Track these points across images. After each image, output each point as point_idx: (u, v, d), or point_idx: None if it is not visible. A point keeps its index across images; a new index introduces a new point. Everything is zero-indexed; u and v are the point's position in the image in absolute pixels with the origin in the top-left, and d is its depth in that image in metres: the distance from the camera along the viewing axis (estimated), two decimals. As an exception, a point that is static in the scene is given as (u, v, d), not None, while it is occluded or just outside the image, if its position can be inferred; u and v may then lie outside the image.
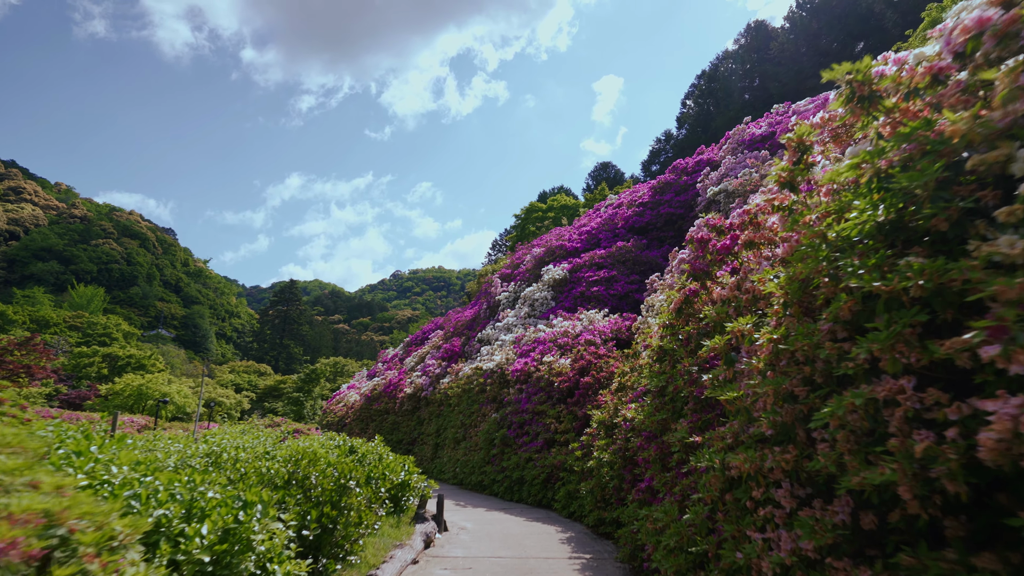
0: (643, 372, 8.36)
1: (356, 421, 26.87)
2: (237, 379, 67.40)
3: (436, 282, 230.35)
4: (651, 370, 6.94)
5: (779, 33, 54.26)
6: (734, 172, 18.76)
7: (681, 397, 5.51)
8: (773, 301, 3.24)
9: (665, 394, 5.91)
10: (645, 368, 7.53)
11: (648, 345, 7.37)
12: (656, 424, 5.83)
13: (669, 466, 5.47)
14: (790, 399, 2.72)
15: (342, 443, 10.58)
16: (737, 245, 4.87)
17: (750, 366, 3.19)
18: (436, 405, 20.13)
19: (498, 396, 15.01)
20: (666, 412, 5.70)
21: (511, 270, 26.28)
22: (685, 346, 5.55)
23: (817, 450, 2.51)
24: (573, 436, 10.95)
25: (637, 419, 6.90)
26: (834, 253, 2.57)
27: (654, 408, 6.00)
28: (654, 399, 6.20)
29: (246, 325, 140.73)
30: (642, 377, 8.34)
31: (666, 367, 6.01)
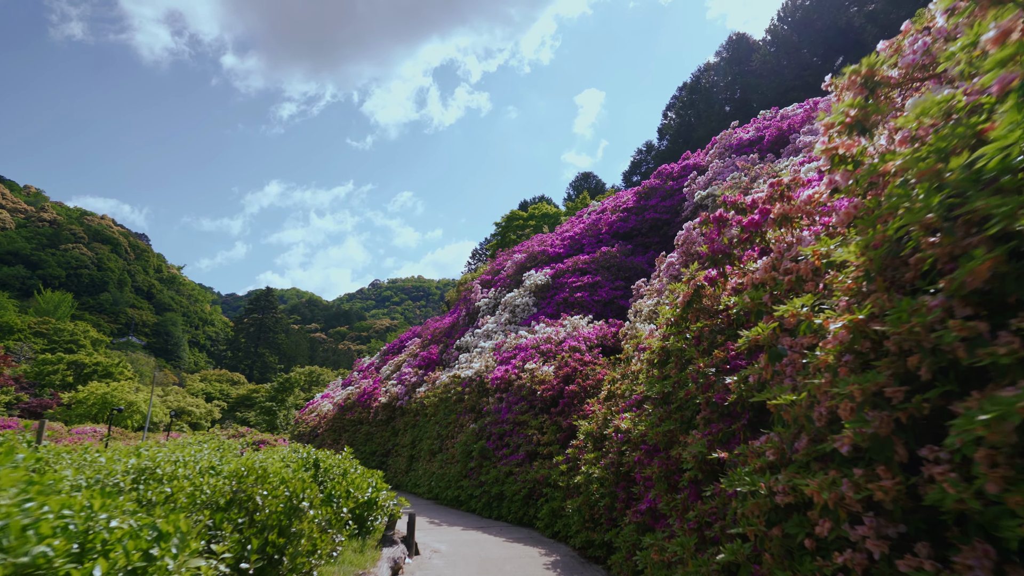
0: (638, 378, 7.63)
1: (328, 432, 25.77)
2: (208, 388, 65.49)
3: (415, 292, 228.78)
4: (650, 375, 6.20)
5: (760, 46, 54.49)
6: (722, 176, 18.24)
7: (693, 404, 4.76)
8: (843, 276, 2.49)
9: (670, 401, 5.17)
10: (641, 374, 6.78)
11: (645, 347, 6.62)
12: (660, 436, 5.07)
13: (678, 486, 4.71)
14: (882, 403, 1.97)
15: (306, 455, 9.71)
16: (767, 221, 4.14)
17: (814, 360, 2.44)
18: (412, 415, 19.21)
19: (477, 405, 14.18)
20: (673, 422, 4.95)
21: (491, 276, 25.50)
22: (696, 345, 4.81)
23: (932, 475, 1.76)
24: (557, 449, 10.16)
25: (634, 431, 6.15)
26: (951, 198, 1.83)
27: (657, 418, 5.24)
28: (656, 407, 5.44)
29: (220, 333, 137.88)
30: (637, 384, 7.60)
31: (671, 370, 5.27)
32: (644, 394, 6.62)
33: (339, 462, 9.43)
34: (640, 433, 5.83)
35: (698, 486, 4.31)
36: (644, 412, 6.17)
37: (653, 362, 5.85)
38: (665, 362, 5.47)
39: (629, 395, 7.82)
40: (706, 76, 60.56)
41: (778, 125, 18.86)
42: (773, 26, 51.99)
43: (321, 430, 26.93)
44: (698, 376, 4.55)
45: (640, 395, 6.82)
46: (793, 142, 17.09)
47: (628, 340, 11.95)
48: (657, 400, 5.40)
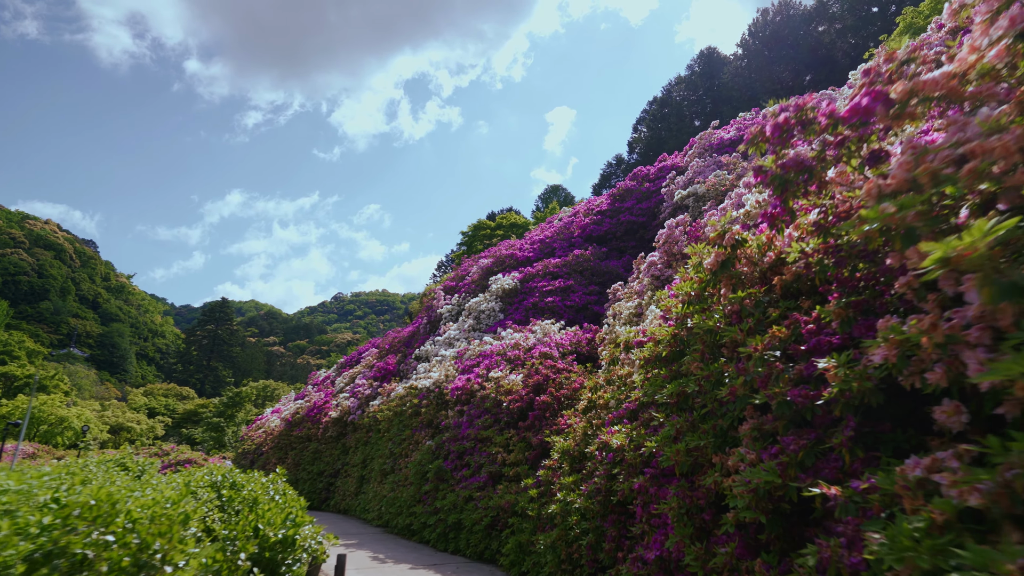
0: (627, 384, 6.13)
1: (274, 449, 23.64)
2: (153, 403, 61.84)
3: (379, 305, 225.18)
4: (650, 376, 4.71)
5: (731, 60, 54.59)
6: (703, 175, 17.08)
7: (734, 408, 3.27)
8: None
9: (691, 406, 3.67)
10: (636, 376, 5.29)
11: (643, 342, 5.12)
12: (681, 457, 3.55)
13: (714, 532, 3.20)
14: None
15: (220, 479, 7.95)
16: (881, 108, 2.69)
17: None
18: (364, 431, 17.38)
19: (434, 420, 12.51)
20: (701, 436, 3.44)
21: (456, 282, 23.90)
22: (737, 323, 3.34)
23: None
24: (526, 470, 8.57)
25: (629, 449, 4.63)
26: None
27: (674, 430, 3.73)
28: (669, 416, 3.93)
29: (171, 345, 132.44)
30: (627, 390, 6.10)
31: (691, 365, 3.78)
32: (641, 400, 5.12)
33: (264, 486, 7.70)
34: (643, 452, 4.32)
35: (754, 539, 2.81)
36: (645, 424, 4.67)
37: (660, 358, 4.37)
38: (679, 355, 4.00)
39: (617, 405, 6.32)
40: (677, 89, 60.49)
41: (761, 124, 17.80)
42: (744, 40, 52.10)
43: (266, 448, 24.74)
44: (752, 365, 3.06)
45: (635, 403, 5.32)
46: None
47: (606, 345, 10.55)
48: (669, 406, 3.91)
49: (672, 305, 4.36)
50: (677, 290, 3.99)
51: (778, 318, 3.15)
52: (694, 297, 3.81)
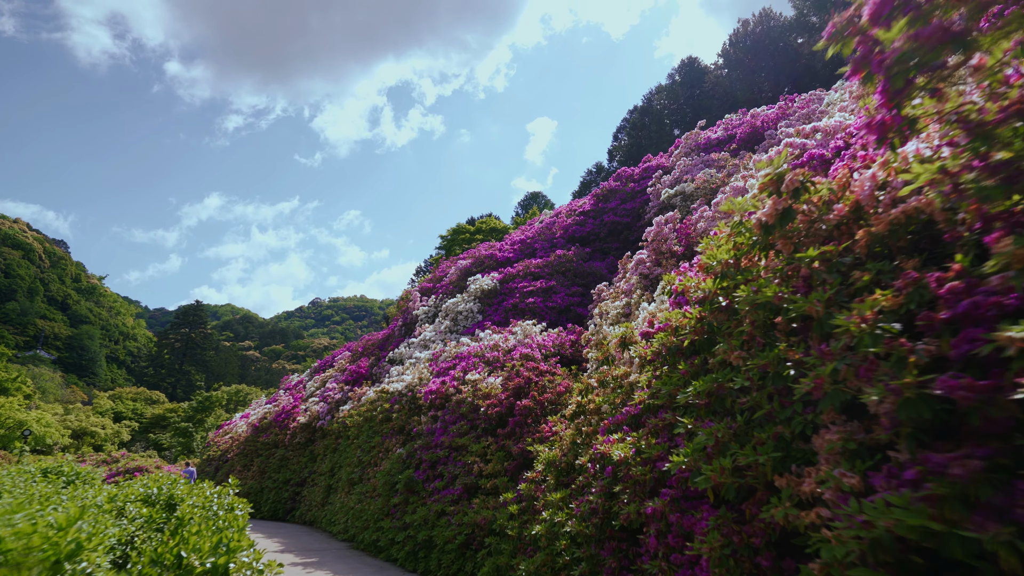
0: (622, 385, 5.37)
1: (239, 456, 22.50)
2: (120, 407, 59.74)
3: (357, 311, 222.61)
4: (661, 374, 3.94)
5: (712, 70, 54.56)
6: (691, 174, 16.48)
7: (796, 414, 2.48)
8: None
9: (731, 409, 2.90)
10: (643, 374, 4.52)
11: (652, 333, 4.35)
12: (727, 478, 2.71)
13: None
14: None
15: (157, 492, 7.06)
16: None
17: None
18: (333, 437, 16.43)
19: (406, 426, 11.64)
20: (762, 449, 2.61)
21: (433, 284, 23.04)
22: (806, 291, 2.56)
23: None
24: (506, 482, 7.76)
25: (636, 463, 3.85)
26: None
27: (714, 442, 2.90)
28: (702, 423, 3.13)
29: (143, 349, 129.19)
30: (627, 392, 5.34)
31: (732, 355, 2.98)
32: (647, 404, 4.35)
33: (194, 503, 6.83)
34: (662, 469, 3.53)
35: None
36: (655, 431, 3.90)
37: (677, 350, 3.60)
38: (707, 344, 3.23)
39: (612, 410, 5.55)
40: (658, 98, 60.35)
41: (751, 123, 17.32)
42: (725, 50, 52.08)
43: (232, 454, 23.59)
44: (855, 345, 2.21)
45: (637, 406, 4.54)
46: (769, 138, 15.47)
47: (593, 346, 9.83)
48: (698, 409, 3.12)
49: (693, 284, 3.59)
50: (707, 259, 3.21)
51: (870, 283, 2.38)
52: (732, 266, 3.04)
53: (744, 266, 3.02)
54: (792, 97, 17.65)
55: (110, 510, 6.28)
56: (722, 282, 3.14)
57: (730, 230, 3.15)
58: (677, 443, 3.39)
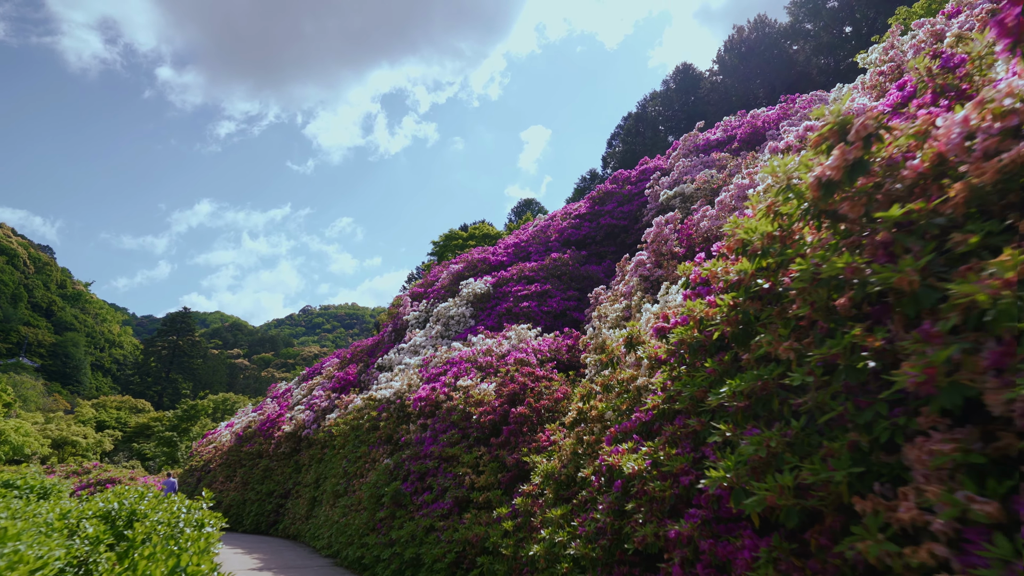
0: (640, 388, 4.83)
1: (222, 467, 21.74)
2: (103, 416, 58.53)
3: (348, 319, 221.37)
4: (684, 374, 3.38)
5: (707, 76, 54.49)
6: (690, 174, 16.03)
7: (878, 419, 1.92)
8: None
9: (782, 414, 2.34)
10: (657, 378, 3.96)
11: (667, 328, 3.79)
12: (787, 499, 2.09)
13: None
14: None
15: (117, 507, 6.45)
16: None
17: None
18: (319, 447, 15.76)
19: (394, 435, 11.03)
20: (838, 462, 2.00)
21: (424, 289, 22.45)
22: (887, 259, 2.01)
23: None
24: (499, 495, 7.16)
25: (652, 478, 3.30)
26: None
27: (766, 453, 2.28)
28: (744, 430, 2.54)
29: (129, 356, 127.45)
30: (635, 397, 4.79)
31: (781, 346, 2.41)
32: (661, 409, 3.79)
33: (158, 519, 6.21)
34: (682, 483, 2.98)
35: None
36: (674, 441, 3.34)
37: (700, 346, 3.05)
38: (744, 336, 2.66)
39: (618, 417, 5.00)
40: (652, 105, 60.22)
41: (751, 123, 16.90)
42: (720, 56, 52.02)
43: (214, 465, 22.82)
44: (1006, 304, 1.60)
45: (649, 413, 3.98)
46: (771, 138, 15.04)
47: (591, 351, 9.28)
48: (737, 413, 2.54)
49: (719, 270, 3.04)
50: (747, 231, 2.64)
51: (977, 247, 1.85)
52: (777, 239, 2.50)
53: (791, 236, 2.48)
54: (793, 98, 17.27)
55: (61, 528, 5.66)
56: (762, 260, 2.60)
57: (773, 197, 2.59)
58: (705, 454, 2.84)
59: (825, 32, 45.87)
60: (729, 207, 10.64)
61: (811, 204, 2.27)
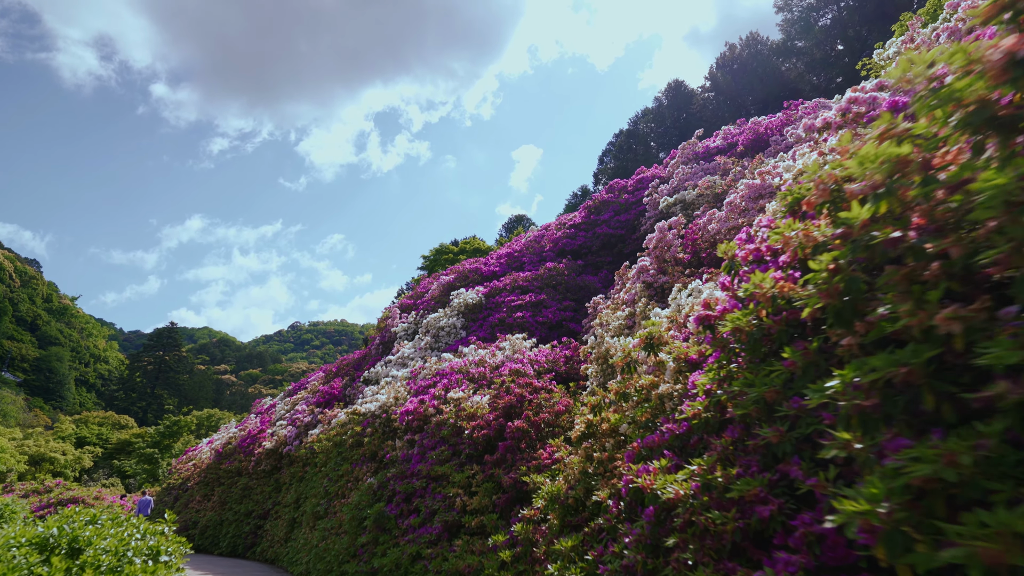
0: (662, 395, 4.13)
1: (199, 485, 20.73)
2: (84, 432, 56.94)
3: (338, 335, 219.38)
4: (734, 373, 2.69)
5: (699, 92, 54.48)
6: (691, 181, 15.47)
7: None
8: None
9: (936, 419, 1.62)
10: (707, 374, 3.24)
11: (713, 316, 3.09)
12: (1008, 541, 1.33)
13: None
14: None
15: (56, 533, 5.67)
16: None
17: None
18: (300, 464, 14.90)
19: (379, 452, 10.24)
20: None
21: (414, 300, 21.70)
22: None
23: None
24: (495, 520, 6.40)
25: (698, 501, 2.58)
26: None
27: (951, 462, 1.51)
28: (888, 439, 1.80)
29: (114, 372, 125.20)
30: (659, 406, 4.09)
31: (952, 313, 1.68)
32: (704, 418, 3.08)
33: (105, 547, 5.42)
34: (758, 514, 2.27)
35: None
36: (725, 459, 2.63)
37: (768, 334, 2.34)
38: (847, 312, 1.95)
39: (636, 431, 4.29)
40: (644, 121, 60.14)
41: (754, 129, 16.41)
42: (712, 73, 52.02)
43: (192, 482, 21.79)
44: None
45: (684, 424, 3.27)
46: (775, 144, 14.52)
47: (593, 361, 8.60)
48: (858, 416, 1.82)
49: (795, 233, 2.35)
50: (863, 161, 1.92)
51: None
52: (921, 165, 1.77)
53: (935, 166, 1.79)
54: (796, 104, 16.80)
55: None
56: (884, 202, 1.88)
57: (924, 96, 1.82)
58: (787, 474, 2.15)
59: (817, 49, 45.95)
60: (740, 208, 10.03)
61: (980, 108, 1.56)
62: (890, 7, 39.66)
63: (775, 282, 2.38)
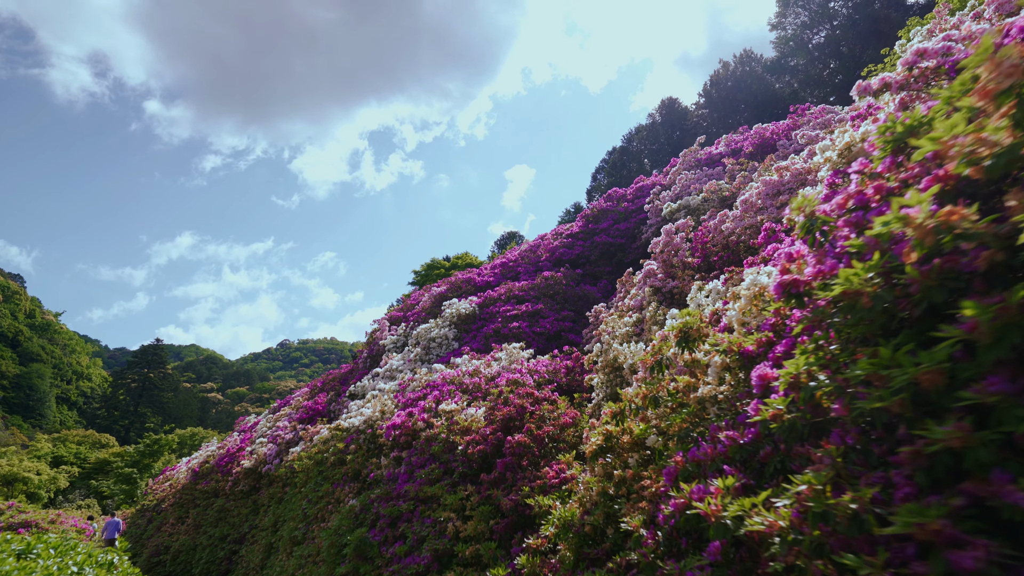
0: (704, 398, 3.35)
1: (174, 507, 19.58)
2: (61, 450, 55.15)
3: (327, 354, 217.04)
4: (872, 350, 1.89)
5: (692, 110, 54.38)
6: (696, 186, 14.81)
7: None
8: None
9: None
10: (798, 358, 2.43)
11: (802, 282, 2.30)
12: None
13: None
14: None
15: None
16: None
17: None
18: (280, 484, 13.89)
19: (363, 470, 9.33)
20: None
21: (404, 312, 20.82)
22: None
23: None
24: (493, 549, 5.52)
25: (810, 544, 1.77)
26: None
27: None
28: None
29: (97, 389, 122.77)
30: (698, 412, 3.30)
31: None
32: (793, 421, 2.28)
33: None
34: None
35: None
36: (866, 479, 1.83)
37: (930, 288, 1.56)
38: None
39: (674, 442, 3.48)
40: (637, 138, 59.93)
41: (760, 133, 15.81)
42: (706, 90, 51.94)
43: (167, 504, 20.63)
44: None
45: (751, 430, 2.47)
46: (782, 148, 13.87)
47: (601, 369, 7.82)
48: None
49: (964, 137, 1.58)
50: None
51: None
52: None
53: None
54: (803, 108, 16.24)
55: None
56: None
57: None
58: (1002, 496, 1.35)
59: (811, 67, 45.95)
60: (756, 206, 9.31)
61: None
62: (884, 25, 39.69)
63: (934, 214, 1.60)
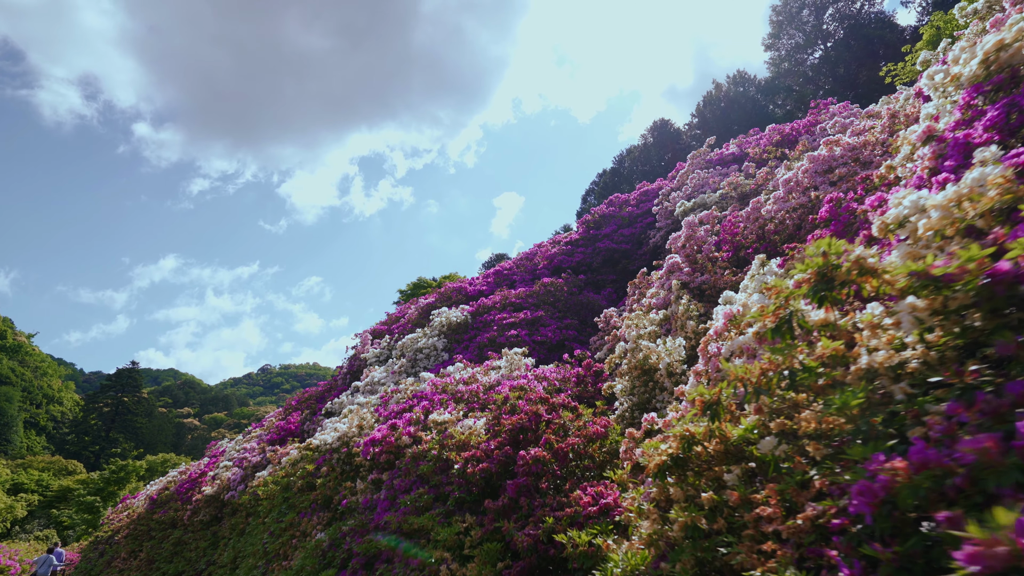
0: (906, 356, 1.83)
1: (127, 539, 17.61)
2: (22, 478, 52.20)
3: (309, 379, 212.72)
4: None
5: (685, 131, 53.90)
6: (712, 182, 13.57)
7: None
8: None
9: None
10: None
11: None
12: None
13: None
14: None
15: None
16: None
17: None
18: (243, 514, 12.16)
19: (334, 496, 7.73)
20: None
21: (388, 325, 19.27)
22: None
23: None
24: (506, 606, 3.98)
25: None
26: None
27: None
28: None
29: (68, 414, 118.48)
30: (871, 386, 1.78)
31: None
32: None
33: None
34: None
35: None
36: None
37: None
38: None
39: (869, 442, 2.00)
40: (629, 159, 59.31)
41: (779, 130, 14.65)
42: (699, 110, 51.50)
43: (121, 535, 18.62)
44: None
45: None
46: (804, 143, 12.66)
47: (627, 372, 6.44)
48: None
49: None
50: None
51: None
52: None
53: None
54: (825, 103, 15.15)
55: None
56: None
57: None
58: None
59: (806, 87, 45.62)
60: (803, 186, 8.01)
61: None
62: (879, 45, 39.44)
63: None
